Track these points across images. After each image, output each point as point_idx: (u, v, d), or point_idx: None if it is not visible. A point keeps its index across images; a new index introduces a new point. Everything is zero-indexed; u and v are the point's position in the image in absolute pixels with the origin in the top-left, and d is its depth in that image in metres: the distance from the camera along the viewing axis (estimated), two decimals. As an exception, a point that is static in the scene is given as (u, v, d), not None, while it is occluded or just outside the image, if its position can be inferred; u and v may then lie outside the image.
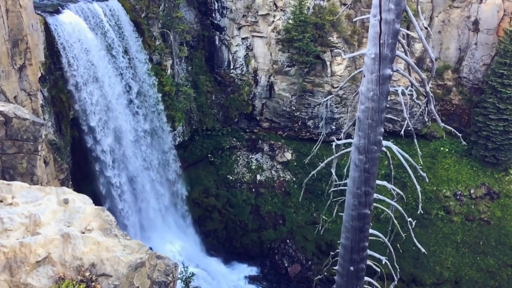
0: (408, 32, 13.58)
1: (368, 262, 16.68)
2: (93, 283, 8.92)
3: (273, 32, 45.68)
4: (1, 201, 9.96)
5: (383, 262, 17.19)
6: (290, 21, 43.89)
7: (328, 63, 45.37)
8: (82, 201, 10.52)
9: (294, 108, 48.00)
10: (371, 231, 15.83)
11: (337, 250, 16.70)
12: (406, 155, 14.89)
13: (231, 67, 48.02)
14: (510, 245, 43.43)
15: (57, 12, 29.94)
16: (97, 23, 32.77)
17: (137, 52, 37.24)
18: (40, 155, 19.98)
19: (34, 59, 26.42)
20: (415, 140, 15.69)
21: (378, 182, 15.14)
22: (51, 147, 28.56)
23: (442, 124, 14.28)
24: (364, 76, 12.97)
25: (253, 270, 43.90)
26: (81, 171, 33.55)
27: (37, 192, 10.54)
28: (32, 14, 26.43)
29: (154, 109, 39.88)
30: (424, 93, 13.68)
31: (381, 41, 12.10)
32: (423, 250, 17.25)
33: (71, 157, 31.71)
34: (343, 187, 15.93)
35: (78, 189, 27.72)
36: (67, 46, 29.70)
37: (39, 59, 27.50)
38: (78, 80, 31.14)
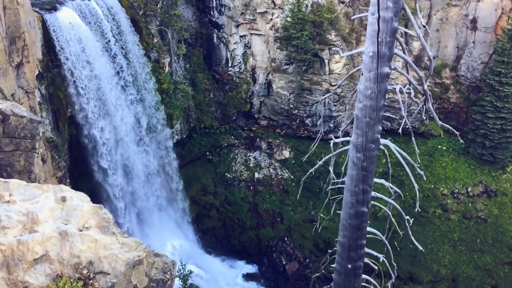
0: (406, 30, 13.59)
1: (366, 259, 16.72)
2: (91, 281, 8.92)
3: (271, 30, 45.62)
4: (-1, 199, 9.95)
5: (381, 260, 17.24)
6: (288, 19, 43.85)
7: (326, 61, 45.36)
8: (79, 199, 10.51)
9: (292, 106, 47.99)
10: (368, 229, 15.86)
11: (335, 248, 16.74)
12: (404, 153, 14.93)
13: (229, 65, 47.96)
14: (507, 243, 43.57)
15: (55, 9, 29.82)
16: (104, 46, 32.29)
17: (146, 82, 37.12)
18: (38, 153, 19.95)
19: (31, 57, 26.34)
20: (413, 138, 15.72)
21: (375, 180, 15.17)
22: (49, 145, 28.51)
23: (440, 122, 14.30)
24: (362, 74, 12.98)
25: (251, 268, 43.94)
26: (79, 168, 33.50)
27: (34, 189, 10.53)
28: (29, 11, 26.35)
29: (164, 147, 40.06)
30: (422, 91, 13.70)
31: (379, 39, 12.11)
32: (420, 248, 17.30)
33: (68, 154, 31.67)
34: (341, 185, 15.96)
35: (75, 186, 27.59)
36: (77, 76, 29.64)
37: (37, 57, 27.42)
38: (89, 115, 31.07)
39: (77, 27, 30.10)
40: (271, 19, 45.32)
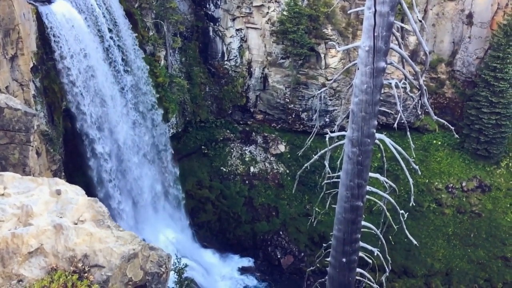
0: (402, 25, 13.60)
1: (360, 253, 16.81)
2: (86, 274, 8.93)
3: (268, 23, 45.48)
4: (-7, 192, 9.91)
5: (375, 254, 17.35)
6: (285, 13, 43.71)
7: (322, 55, 45.30)
8: (74, 192, 10.49)
9: (288, 100, 47.97)
10: (363, 223, 15.94)
11: (330, 242, 16.82)
12: (399, 148, 14.98)
13: (225, 58, 47.81)
14: (500, 238, 43.89)
15: (49, 1, 29.54)
16: (99, 38, 32.26)
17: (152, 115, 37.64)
18: (32, 146, 19.89)
19: (26, 49, 26.17)
20: (408, 133, 15.77)
21: (371, 174, 15.22)
22: (44, 138, 28.36)
23: (435, 117, 14.35)
24: (358, 69, 12.98)
25: (246, 262, 44.08)
26: (74, 162, 33.39)
27: (29, 182, 10.50)
28: (23, 3, 26.15)
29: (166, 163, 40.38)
30: (417, 86, 13.73)
31: (375, 34, 12.10)
32: (414, 242, 17.41)
33: (63, 148, 31.54)
34: (336, 180, 16.01)
35: (70, 180, 27.52)
36: (71, 67, 29.55)
37: (31, 49, 27.23)
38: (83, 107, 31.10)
39: (72, 19, 29.87)
40: (267, 12, 45.17)
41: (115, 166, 35.18)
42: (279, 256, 44.14)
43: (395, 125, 15.06)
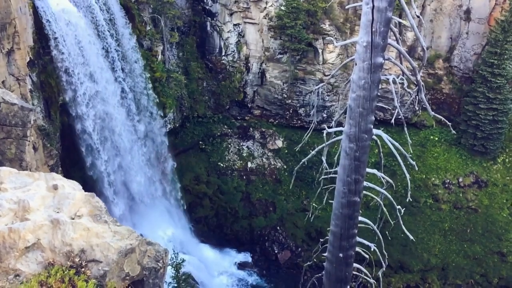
0: (400, 20, 13.60)
1: (357, 249, 16.88)
2: (83, 269, 8.93)
3: (265, 18, 45.34)
4: (-10, 187, 9.88)
5: (372, 249, 17.42)
6: (283, 8, 43.58)
7: (320, 50, 45.23)
8: (71, 187, 10.48)
9: (286, 96, 47.92)
10: (360, 218, 16.00)
11: (327, 237, 16.87)
12: (396, 144, 15.01)
13: (223, 53, 47.68)
14: (496, 233, 44.08)
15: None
16: (95, 33, 32.10)
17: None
18: (29, 141, 19.83)
19: (22, 43, 26.05)
20: (405, 129, 15.79)
21: (368, 170, 15.25)
22: (40, 133, 28.28)
23: (432, 113, 14.39)
24: (356, 64, 12.98)
25: (243, 257, 44.18)
26: (71, 157, 33.32)
27: (26, 177, 10.47)
28: (20, -3, 25.97)
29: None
30: (415, 82, 13.74)
31: (373, 29, 12.09)
32: (411, 237, 17.49)
33: (60, 143, 31.46)
34: (333, 175, 16.04)
35: (67, 175, 27.50)
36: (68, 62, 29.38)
37: (28, 43, 27.10)
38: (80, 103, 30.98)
39: (69, 13, 29.70)
40: (265, 7, 45.01)
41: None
42: (276, 251, 44.25)
43: (393, 120, 15.08)
